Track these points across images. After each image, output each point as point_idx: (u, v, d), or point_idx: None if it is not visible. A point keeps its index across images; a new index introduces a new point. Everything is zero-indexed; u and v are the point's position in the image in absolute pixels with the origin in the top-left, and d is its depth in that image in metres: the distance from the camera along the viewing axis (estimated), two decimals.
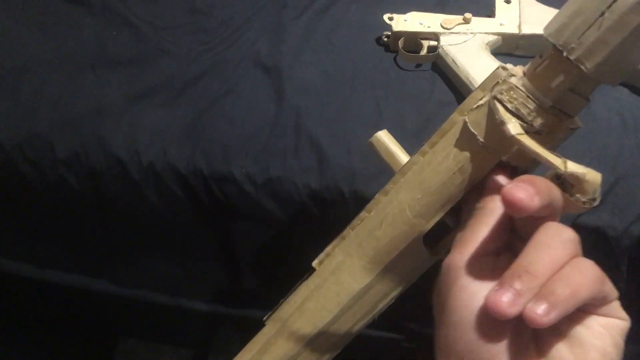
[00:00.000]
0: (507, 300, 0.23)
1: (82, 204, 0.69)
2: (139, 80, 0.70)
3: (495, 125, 0.29)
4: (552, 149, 0.28)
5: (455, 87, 0.67)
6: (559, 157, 0.27)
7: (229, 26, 0.75)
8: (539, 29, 0.68)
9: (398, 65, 0.70)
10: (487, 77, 0.31)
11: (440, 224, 0.34)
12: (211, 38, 0.74)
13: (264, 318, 0.45)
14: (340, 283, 0.38)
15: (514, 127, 0.28)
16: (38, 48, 0.74)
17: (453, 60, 0.66)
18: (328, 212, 0.62)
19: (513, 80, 0.29)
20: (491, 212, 0.28)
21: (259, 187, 0.62)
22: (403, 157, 0.37)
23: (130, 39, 0.75)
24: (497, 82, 0.30)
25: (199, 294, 0.84)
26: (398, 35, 0.70)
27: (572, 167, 0.27)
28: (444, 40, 0.68)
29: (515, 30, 0.68)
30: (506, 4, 0.70)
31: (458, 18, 0.69)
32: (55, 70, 0.71)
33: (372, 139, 0.38)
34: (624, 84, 0.66)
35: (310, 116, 0.65)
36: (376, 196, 0.36)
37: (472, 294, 0.26)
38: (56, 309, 0.98)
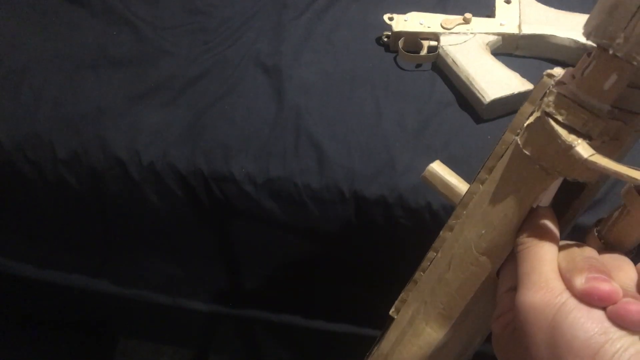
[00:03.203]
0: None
1: (82, 204, 0.69)
2: (139, 80, 0.70)
3: (556, 146, 0.26)
4: (622, 155, 0.26)
5: (455, 87, 0.67)
6: (637, 169, 0.24)
7: (229, 26, 0.75)
8: (539, 29, 0.68)
9: (398, 65, 0.70)
10: (535, 88, 0.28)
11: None
12: (211, 38, 0.74)
13: None
14: (419, 335, 0.35)
15: (583, 149, 0.25)
16: (38, 48, 0.74)
17: (453, 60, 0.66)
18: (328, 212, 0.62)
19: (561, 89, 0.26)
20: (541, 247, 0.27)
21: (259, 187, 0.62)
22: (461, 187, 0.34)
23: (130, 39, 0.75)
24: (545, 93, 0.27)
25: (199, 294, 0.84)
26: (398, 35, 0.70)
27: None
28: (444, 40, 0.68)
29: (515, 30, 0.68)
30: (506, 4, 0.70)
31: (458, 18, 0.69)
32: (55, 70, 0.71)
33: (426, 173, 0.35)
34: None
35: (310, 116, 0.65)
36: (441, 233, 0.34)
37: (588, 320, 0.23)
38: (56, 309, 0.98)
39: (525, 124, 0.28)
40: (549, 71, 0.28)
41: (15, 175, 0.67)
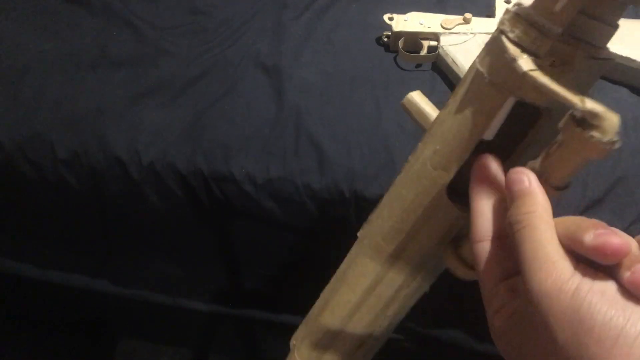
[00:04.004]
0: None
1: (82, 204, 0.69)
2: (139, 80, 0.70)
3: (505, 62, 0.27)
4: (580, 87, 0.26)
5: (455, 87, 0.67)
6: (577, 93, 0.25)
7: (229, 26, 0.75)
8: None
9: (398, 65, 0.70)
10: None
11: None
12: (211, 38, 0.74)
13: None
14: (373, 247, 0.37)
15: (525, 62, 0.26)
16: (38, 48, 0.74)
17: (453, 60, 0.66)
18: (328, 212, 0.62)
19: (518, 9, 0.27)
20: (539, 224, 0.25)
21: (259, 187, 0.62)
22: (434, 115, 0.35)
23: (130, 39, 0.75)
24: (504, 12, 0.28)
25: (199, 294, 0.84)
26: (398, 35, 0.70)
27: (591, 104, 0.24)
28: (444, 40, 0.68)
29: None
30: (506, 4, 0.70)
31: (458, 18, 0.69)
32: (55, 70, 0.71)
33: (404, 100, 0.37)
34: (623, 84, 0.66)
35: (310, 116, 0.65)
36: (409, 157, 0.35)
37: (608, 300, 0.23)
38: (56, 309, 0.98)
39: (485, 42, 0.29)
40: None
41: (15, 175, 0.67)
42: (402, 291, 0.38)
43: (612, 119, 0.24)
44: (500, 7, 0.70)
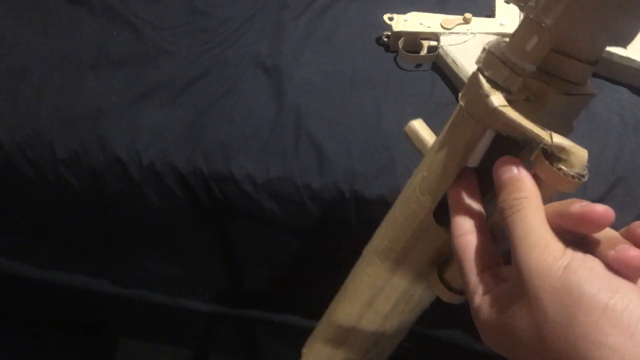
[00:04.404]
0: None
1: (82, 204, 0.69)
2: (139, 80, 0.70)
3: (480, 97, 0.28)
4: (561, 119, 0.27)
5: (455, 87, 0.67)
6: (545, 129, 0.26)
7: (229, 26, 0.75)
8: None
9: (398, 65, 0.70)
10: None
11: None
12: (211, 38, 0.74)
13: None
14: (370, 263, 0.39)
15: (496, 99, 0.27)
16: (38, 48, 0.74)
17: (453, 60, 0.66)
18: (328, 212, 0.62)
19: (493, 48, 0.28)
20: (530, 208, 0.27)
21: (259, 187, 0.62)
22: (432, 142, 0.37)
23: (130, 39, 0.75)
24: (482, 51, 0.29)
25: (199, 294, 0.84)
26: (398, 35, 0.70)
27: (558, 139, 0.26)
28: (444, 40, 0.68)
29: None
30: (506, 4, 0.70)
31: (458, 18, 0.69)
32: (55, 70, 0.71)
33: (406, 128, 0.39)
34: (624, 84, 0.66)
35: (310, 116, 0.65)
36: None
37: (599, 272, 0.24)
38: (56, 309, 0.98)
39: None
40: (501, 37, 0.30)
41: (15, 175, 0.67)
42: (398, 307, 0.40)
43: (579, 153, 0.26)
44: (500, 7, 0.70)
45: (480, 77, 0.29)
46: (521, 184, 0.27)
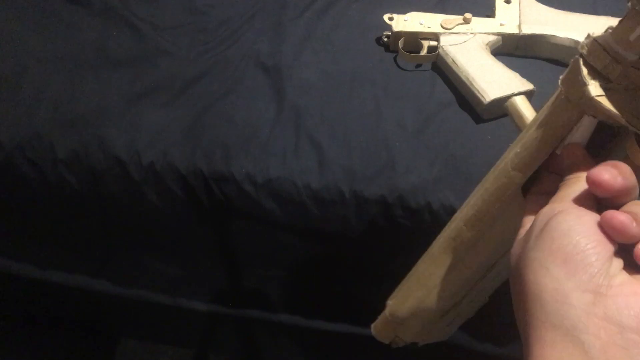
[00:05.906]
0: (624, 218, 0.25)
1: (82, 204, 0.69)
2: (139, 80, 0.70)
3: (578, 82, 0.29)
4: None
5: (455, 87, 0.67)
6: (638, 117, 0.28)
7: (229, 26, 0.75)
8: (539, 29, 0.68)
9: (398, 65, 0.70)
10: None
11: None
12: (211, 38, 0.74)
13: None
14: (456, 229, 0.41)
15: (594, 88, 0.28)
16: (38, 48, 0.74)
17: (453, 60, 0.66)
18: (328, 212, 0.62)
19: (598, 37, 0.29)
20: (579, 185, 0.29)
21: (259, 187, 0.62)
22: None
23: (130, 39, 0.75)
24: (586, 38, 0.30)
25: (199, 294, 0.84)
26: (398, 35, 0.70)
27: None
28: (444, 40, 0.68)
29: (515, 30, 0.68)
30: (506, 4, 0.70)
31: (458, 18, 0.69)
32: (55, 70, 0.71)
33: (507, 103, 0.40)
34: None
35: (310, 116, 0.65)
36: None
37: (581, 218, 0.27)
38: (56, 308, 0.98)
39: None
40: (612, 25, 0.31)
41: (15, 175, 0.67)
42: (479, 273, 0.42)
43: None
44: (500, 7, 0.70)
45: (581, 62, 0.29)
46: (581, 171, 0.30)
